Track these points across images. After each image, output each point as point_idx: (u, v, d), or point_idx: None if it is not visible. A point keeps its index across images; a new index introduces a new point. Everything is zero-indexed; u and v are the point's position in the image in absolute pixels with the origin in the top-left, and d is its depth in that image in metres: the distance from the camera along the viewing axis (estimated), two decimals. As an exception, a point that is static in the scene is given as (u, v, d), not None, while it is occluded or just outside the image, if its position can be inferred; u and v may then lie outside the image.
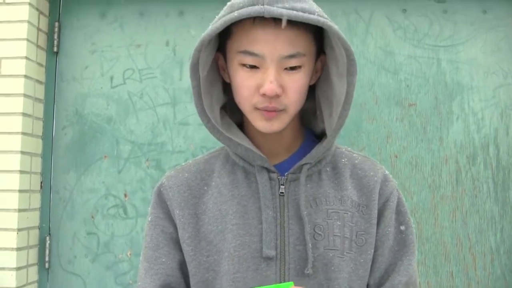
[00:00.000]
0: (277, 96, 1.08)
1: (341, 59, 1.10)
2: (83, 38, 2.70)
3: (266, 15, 1.02)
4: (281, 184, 1.16)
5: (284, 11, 1.02)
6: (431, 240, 2.53)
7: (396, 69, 2.60)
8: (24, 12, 2.53)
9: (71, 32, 2.71)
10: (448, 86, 2.59)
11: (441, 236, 2.52)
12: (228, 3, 1.09)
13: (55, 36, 2.69)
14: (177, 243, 1.20)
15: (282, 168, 1.18)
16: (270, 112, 1.10)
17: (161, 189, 1.23)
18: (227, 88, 1.21)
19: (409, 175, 2.56)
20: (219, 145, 1.24)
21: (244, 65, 1.09)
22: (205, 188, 1.21)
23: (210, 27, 1.07)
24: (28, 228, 2.53)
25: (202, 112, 1.15)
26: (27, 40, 2.52)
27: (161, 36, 2.67)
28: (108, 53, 2.69)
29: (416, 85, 2.59)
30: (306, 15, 1.03)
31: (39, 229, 2.62)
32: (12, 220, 2.44)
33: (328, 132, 1.17)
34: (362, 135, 2.58)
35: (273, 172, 1.17)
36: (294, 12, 1.02)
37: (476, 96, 2.58)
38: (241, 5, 1.04)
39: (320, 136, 1.25)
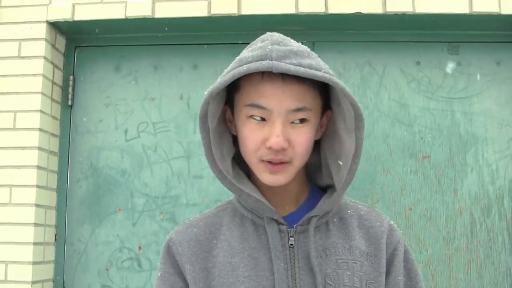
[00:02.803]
0: (283, 149, 1.10)
1: (348, 114, 1.12)
2: (97, 92, 2.72)
3: (274, 71, 1.05)
4: (290, 236, 1.17)
5: (292, 67, 1.05)
6: (446, 293, 2.52)
7: (410, 121, 2.60)
8: (38, 65, 2.55)
9: (86, 86, 2.73)
10: (462, 138, 2.59)
11: (456, 289, 2.52)
12: (237, 58, 1.12)
13: (70, 90, 2.71)
14: None
15: (290, 220, 1.19)
16: (276, 165, 1.12)
17: (170, 245, 1.24)
18: (234, 140, 1.23)
19: (424, 227, 2.55)
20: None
21: (251, 117, 1.11)
22: (215, 241, 1.21)
23: (218, 80, 1.10)
24: (42, 281, 2.53)
25: (213, 163, 1.17)
26: (42, 93, 2.54)
27: (175, 89, 2.69)
28: (122, 106, 2.70)
29: (430, 137, 2.59)
30: (312, 71, 1.05)
31: (53, 281, 2.62)
32: (27, 272, 2.44)
33: (337, 186, 1.18)
34: (376, 187, 2.58)
35: (282, 224, 1.18)
36: (302, 68, 1.05)
37: (490, 147, 2.58)
38: (250, 59, 1.07)
39: (324, 189, 1.27)
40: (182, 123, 2.66)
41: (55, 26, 2.64)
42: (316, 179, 1.29)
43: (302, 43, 1.16)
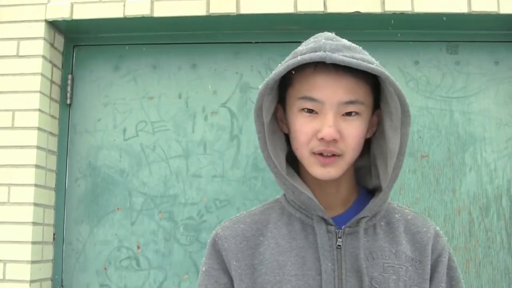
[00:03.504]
0: (334, 141, 1.11)
1: (395, 112, 1.13)
2: (96, 91, 2.72)
3: (328, 61, 1.06)
4: (338, 237, 1.18)
5: (346, 59, 1.06)
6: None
7: (409, 120, 2.60)
8: (37, 64, 2.54)
9: (84, 85, 2.73)
10: (461, 138, 2.59)
11: (454, 288, 2.51)
12: (292, 52, 1.16)
13: (68, 89, 2.70)
14: None
15: (338, 222, 1.20)
16: (327, 158, 1.13)
17: (216, 240, 1.24)
18: (286, 140, 1.24)
19: (422, 227, 2.55)
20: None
21: (303, 109, 1.13)
22: (261, 238, 1.22)
23: (274, 71, 1.12)
24: (41, 280, 2.53)
25: (268, 158, 1.19)
26: (40, 92, 2.54)
27: (174, 88, 2.69)
28: (121, 105, 2.70)
29: (428, 136, 2.59)
30: (365, 64, 1.08)
31: (51, 280, 2.62)
32: (25, 271, 2.44)
33: (383, 185, 1.19)
34: (375, 187, 2.57)
35: (331, 225, 1.18)
36: (354, 60, 1.07)
37: (489, 147, 2.58)
38: (304, 51, 1.10)
39: (372, 192, 1.27)
40: (181, 122, 2.66)
41: (54, 25, 2.64)
42: (366, 182, 1.30)
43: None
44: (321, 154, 1.13)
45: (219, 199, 2.58)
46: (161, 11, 2.54)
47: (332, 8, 2.49)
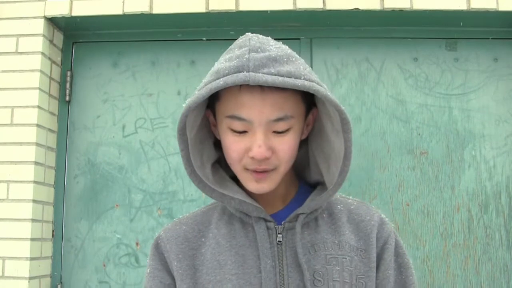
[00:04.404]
0: (266, 158, 1.09)
1: (334, 116, 1.10)
2: (95, 87, 2.72)
3: (251, 83, 1.02)
4: (278, 233, 1.17)
5: (269, 79, 1.01)
6: (443, 289, 2.52)
7: (408, 117, 2.60)
8: (36, 61, 2.54)
9: (83, 81, 2.72)
10: (460, 134, 2.59)
11: (453, 285, 2.51)
12: (213, 69, 1.09)
13: (67, 85, 2.70)
14: None
15: (278, 217, 1.19)
16: (260, 173, 1.12)
17: (159, 242, 1.24)
18: (219, 143, 1.21)
19: (421, 224, 2.55)
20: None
21: (232, 129, 1.10)
22: (203, 239, 1.21)
23: (196, 93, 1.07)
24: (39, 277, 2.53)
25: (192, 173, 1.16)
26: (39, 89, 2.54)
27: (173, 85, 2.69)
28: (120, 102, 2.70)
29: (427, 133, 2.59)
30: (291, 80, 1.02)
31: (50, 277, 2.62)
32: (24, 268, 2.44)
33: (328, 186, 1.17)
34: (373, 184, 2.58)
35: (270, 222, 1.17)
36: (280, 78, 1.02)
37: (488, 144, 2.58)
38: (227, 71, 1.04)
39: (313, 185, 1.26)
40: (180, 119, 2.65)
41: (53, 22, 2.64)
42: (304, 176, 1.28)
43: (300, 39, 1.15)
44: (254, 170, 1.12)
45: (218, 196, 2.58)
46: (160, 7, 2.54)
47: (331, 5, 2.49)
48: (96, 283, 2.62)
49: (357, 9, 2.49)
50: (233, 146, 1.11)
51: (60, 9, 2.57)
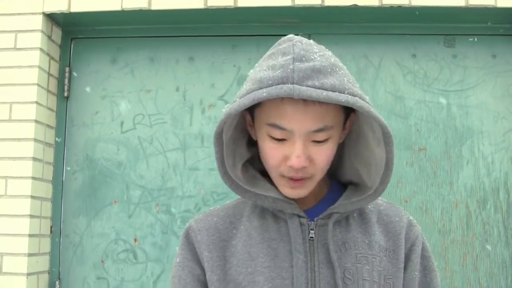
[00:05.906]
0: (304, 167, 1.10)
1: (376, 125, 1.12)
2: (93, 83, 2.72)
3: (296, 97, 1.02)
4: (311, 229, 1.18)
5: (313, 93, 1.01)
6: (442, 285, 2.51)
7: (406, 114, 2.60)
8: (34, 57, 2.54)
9: (82, 77, 2.72)
10: (458, 131, 2.59)
11: (451, 281, 2.51)
12: (257, 77, 1.08)
13: (66, 81, 2.70)
14: (204, 285, 1.20)
15: (310, 214, 1.20)
16: (297, 181, 1.13)
17: (189, 232, 1.25)
18: (252, 141, 1.22)
19: (419, 220, 2.54)
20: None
21: (272, 136, 1.11)
22: (234, 231, 1.22)
23: (237, 101, 1.07)
24: (37, 273, 2.53)
25: (225, 175, 1.18)
26: (38, 85, 2.54)
27: (171, 81, 2.69)
28: (118, 98, 2.70)
29: (426, 129, 2.60)
30: (335, 95, 1.02)
31: (48, 273, 2.62)
32: (22, 264, 2.44)
33: (369, 190, 1.18)
34: (372, 180, 2.57)
35: (303, 217, 1.18)
36: (324, 93, 1.01)
37: (486, 140, 2.58)
38: (270, 82, 1.04)
39: (345, 184, 1.27)
40: (178, 115, 2.66)
41: (52, 18, 2.64)
42: (336, 174, 1.29)
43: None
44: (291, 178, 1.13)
45: (216, 192, 2.58)
46: (159, 4, 2.54)
47: (330, 1, 2.49)
48: (94, 279, 2.62)
49: (355, 5, 2.49)
50: (271, 153, 1.12)
51: (58, 5, 2.57)
